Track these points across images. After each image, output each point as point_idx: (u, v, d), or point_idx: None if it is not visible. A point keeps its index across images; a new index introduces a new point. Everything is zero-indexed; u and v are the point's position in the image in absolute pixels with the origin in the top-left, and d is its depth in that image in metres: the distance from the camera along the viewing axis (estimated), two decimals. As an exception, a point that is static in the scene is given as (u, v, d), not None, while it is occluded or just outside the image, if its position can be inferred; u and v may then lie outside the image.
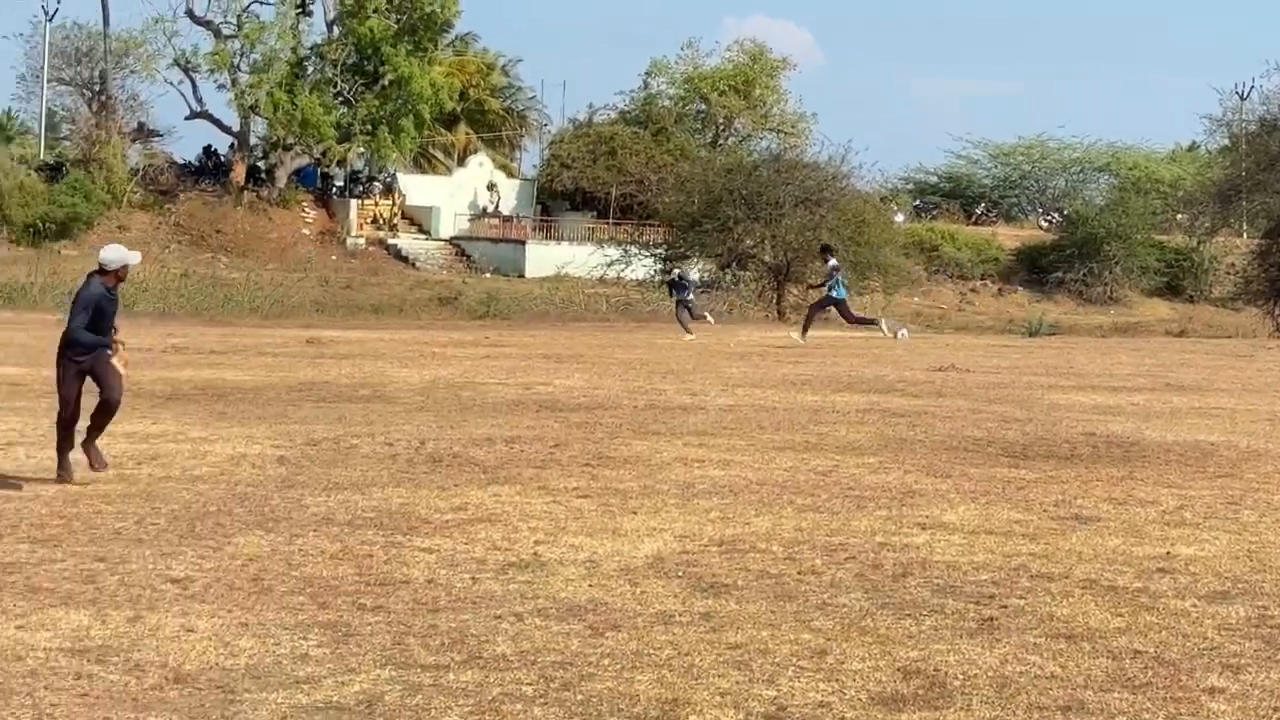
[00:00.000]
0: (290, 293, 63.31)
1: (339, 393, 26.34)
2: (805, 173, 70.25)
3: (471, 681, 9.56)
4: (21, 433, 20.47)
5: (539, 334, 46.24)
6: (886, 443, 21.39)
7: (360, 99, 79.48)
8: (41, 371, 27.84)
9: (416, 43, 79.56)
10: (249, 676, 9.57)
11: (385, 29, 78.13)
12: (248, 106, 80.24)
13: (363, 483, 17.00)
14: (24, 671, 9.56)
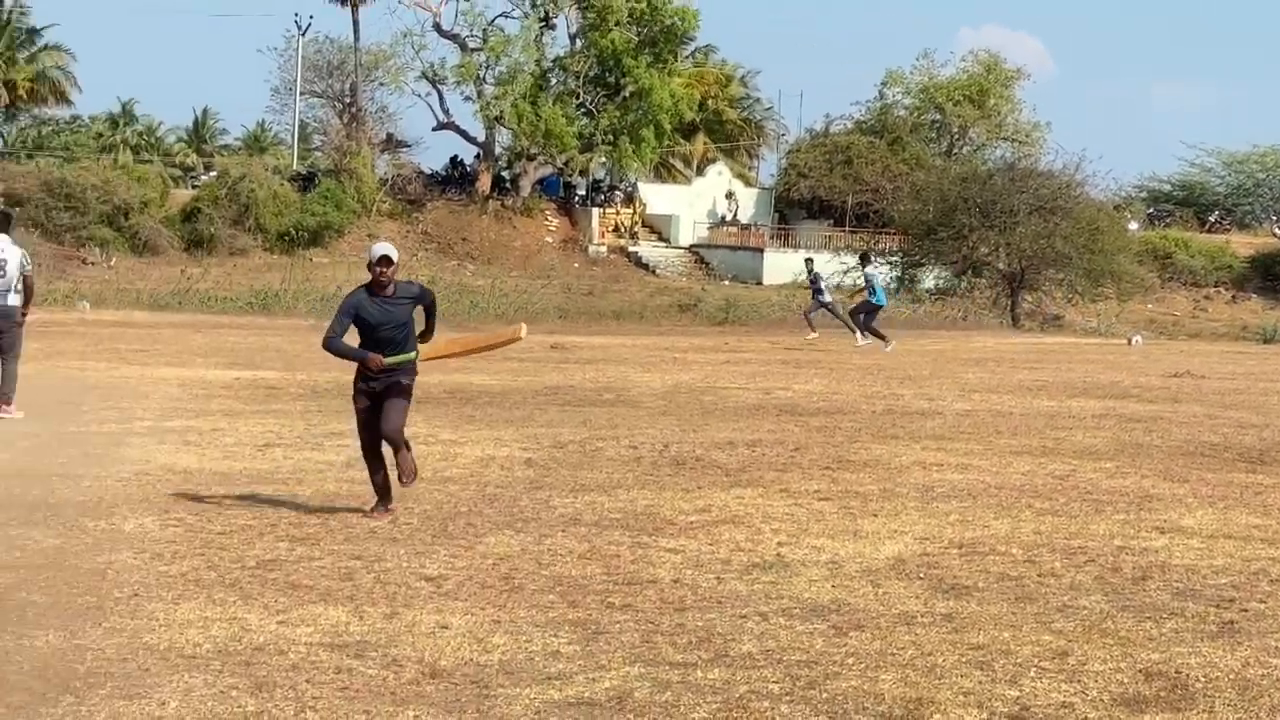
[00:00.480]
0: (534, 299, 63.71)
1: (584, 397, 26.46)
2: (1039, 181, 69.60)
3: (719, 679, 9.58)
4: (278, 434, 20.77)
5: (777, 340, 46.18)
6: (1123, 448, 21.16)
7: (602, 110, 79.76)
8: (296, 375, 28.32)
9: (657, 54, 79.71)
10: (502, 672, 9.66)
11: (626, 41, 78.35)
12: (493, 117, 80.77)
13: (608, 485, 17.08)
14: (286, 665, 9.71)
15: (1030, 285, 68.03)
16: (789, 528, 14.69)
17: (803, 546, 13.80)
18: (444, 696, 9.14)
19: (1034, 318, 66.50)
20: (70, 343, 35.96)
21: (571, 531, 14.31)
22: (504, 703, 9.02)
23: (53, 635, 10.30)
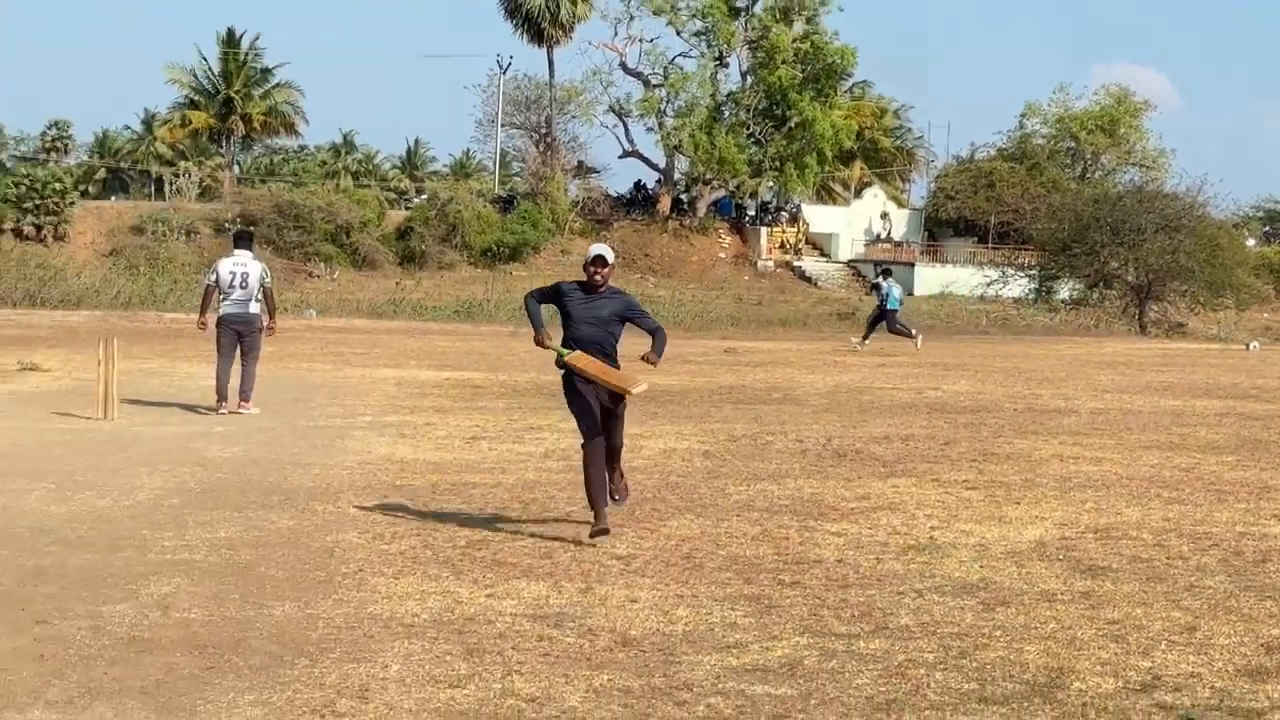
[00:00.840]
0: (709, 308, 63.76)
1: (754, 395, 26.44)
2: (1165, 202, 68.97)
3: (879, 649, 9.56)
4: (484, 429, 20.90)
5: (927, 345, 45.92)
6: (1243, 443, 20.89)
7: (770, 139, 79.75)
8: (499, 376, 28.50)
9: (819, 90, 79.65)
10: (686, 641, 9.68)
11: (792, 78, 78.34)
12: (673, 146, 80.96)
13: (778, 474, 17.07)
14: (494, 634, 9.78)
15: (1156, 296, 67.30)
16: (940, 514, 14.63)
17: (953, 531, 13.74)
18: (634, 662, 9.18)
19: (1160, 325, 65.64)
20: (299, 346, 36.38)
21: (745, 516, 14.32)
22: (687, 668, 9.05)
23: (288, 605, 10.44)
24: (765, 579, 11.54)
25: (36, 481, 15.43)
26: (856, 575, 11.74)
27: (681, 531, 13.47)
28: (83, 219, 71.81)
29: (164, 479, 15.87)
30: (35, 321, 44.42)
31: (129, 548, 12.30)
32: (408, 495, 15.16)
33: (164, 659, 9.05)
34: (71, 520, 13.45)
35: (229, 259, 22.33)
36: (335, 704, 8.22)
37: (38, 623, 9.83)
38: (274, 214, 70.99)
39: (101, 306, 52.11)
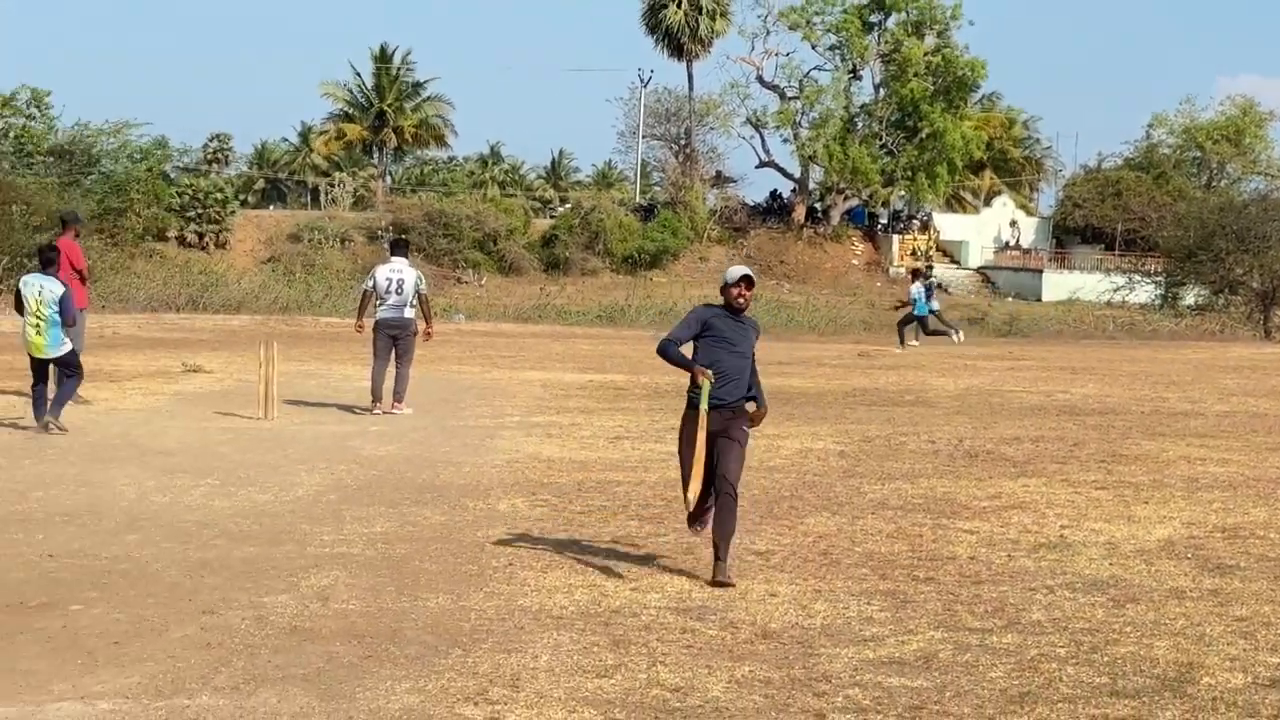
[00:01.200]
0: (842, 313, 63.60)
1: (887, 398, 26.32)
2: (1290, 210, 68.04)
3: (1012, 643, 9.52)
4: (627, 429, 20.94)
5: (1055, 349, 45.55)
6: (1370, 446, 20.60)
7: (901, 150, 79.55)
8: (640, 378, 28.53)
9: (950, 101, 79.38)
10: (824, 634, 9.68)
11: (923, 90, 78.11)
12: (807, 157, 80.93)
13: (911, 474, 17.00)
14: (639, 625, 9.82)
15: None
16: (1070, 513, 14.52)
17: (1082, 529, 13.64)
18: (774, 654, 9.19)
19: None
20: (449, 350, 36.57)
21: (880, 514, 14.29)
22: (826, 660, 9.05)
23: (442, 598, 10.52)
24: (900, 575, 11.52)
25: (202, 478, 15.62)
26: (989, 572, 11.69)
27: (819, 529, 13.46)
28: (242, 227, 72.68)
29: (322, 476, 16.03)
30: (198, 325, 44.91)
31: (289, 541, 12.44)
32: (555, 493, 15.22)
33: (324, 648, 9.15)
34: (235, 515, 13.62)
35: (385, 266, 22.48)
36: (488, 692, 8.29)
37: (204, 612, 9.96)
38: (424, 222, 71.59)
39: (260, 311, 52.60)
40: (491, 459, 17.63)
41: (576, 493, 15.25)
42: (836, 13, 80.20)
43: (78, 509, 13.71)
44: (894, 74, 79.41)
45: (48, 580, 10.80)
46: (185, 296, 54.02)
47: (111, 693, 8.17)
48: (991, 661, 9.09)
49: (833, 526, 13.58)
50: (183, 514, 13.61)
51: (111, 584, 10.74)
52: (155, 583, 10.81)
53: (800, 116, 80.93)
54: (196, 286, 55.98)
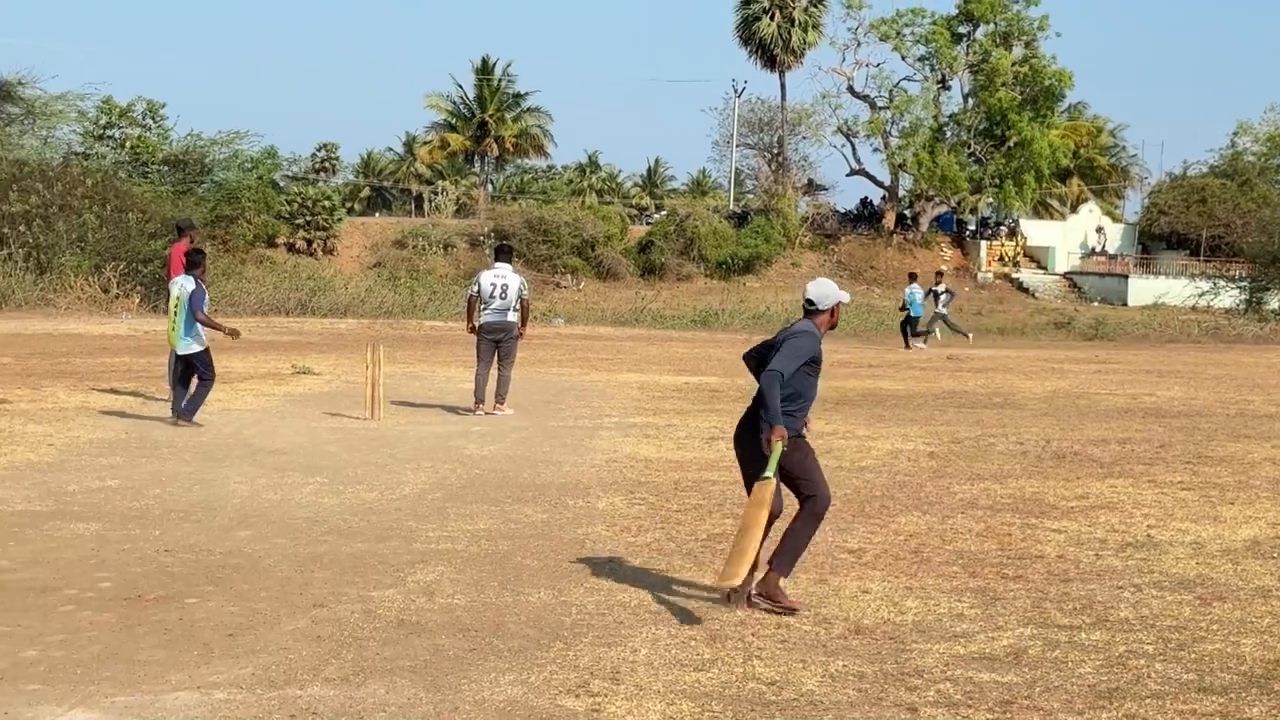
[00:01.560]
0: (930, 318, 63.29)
1: (976, 400, 26.20)
2: (1374, 216, 67.43)
3: (1100, 640, 9.46)
4: (721, 430, 20.85)
5: (1140, 353, 45.23)
6: None
7: (989, 158, 79.17)
8: (735, 380, 28.48)
9: (1037, 111, 78.94)
10: (915, 630, 9.65)
11: (1011, 100, 77.74)
12: (897, 165, 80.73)
13: (999, 474, 16.91)
14: (734, 621, 9.82)
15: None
16: (1156, 513, 14.41)
17: (1169, 529, 13.54)
18: (867, 649, 9.17)
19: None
20: (549, 352, 36.68)
21: (969, 513, 14.23)
22: (918, 656, 9.02)
23: (544, 592, 10.55)
24: (990, 573, 11.47)
25: (311, 476, 15.74)
26: (1077, 570, 11.63)
27: (909, 527, 13.42)
28: (349, 234, 73.12)
29: (427, 474, 16.11)
30: (307, 328, 45.20)
31: (396, 537, 12.51)
32: (652, 491, 15.24)
33: (430, 640, 9.20)
34: (343, 512, 13.71)
35: (490, 271, 22.57)
36: (589, 684, 8.31)
37: (315, 606, 10.03)
38: (525, 229, 71.87)
39: (366, 315, 52.89)
40: (590, 458, 17.68)
41: (673, 491, 15.26)
42: (926, 24, 79.98)
43: (193, 506, 13.83)
44: (982, 84, 79.05)
45: (165, 574, 10.91)
46: (294, 301, 54.40)
47: (226, 683, 8.24)
48: (1080, 658, 9.04)
49: (923, 525, 13.54)
50: (293, 511, 13.71)
51: (226, 578, 10.83)
52: (267, 577, 10.90)
53: (890, 125, 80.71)
54: (305, 291, 56.35)
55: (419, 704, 7.92)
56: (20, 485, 14.72)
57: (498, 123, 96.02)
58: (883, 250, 79.23)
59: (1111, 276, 78.73)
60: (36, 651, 8.80)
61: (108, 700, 7.89)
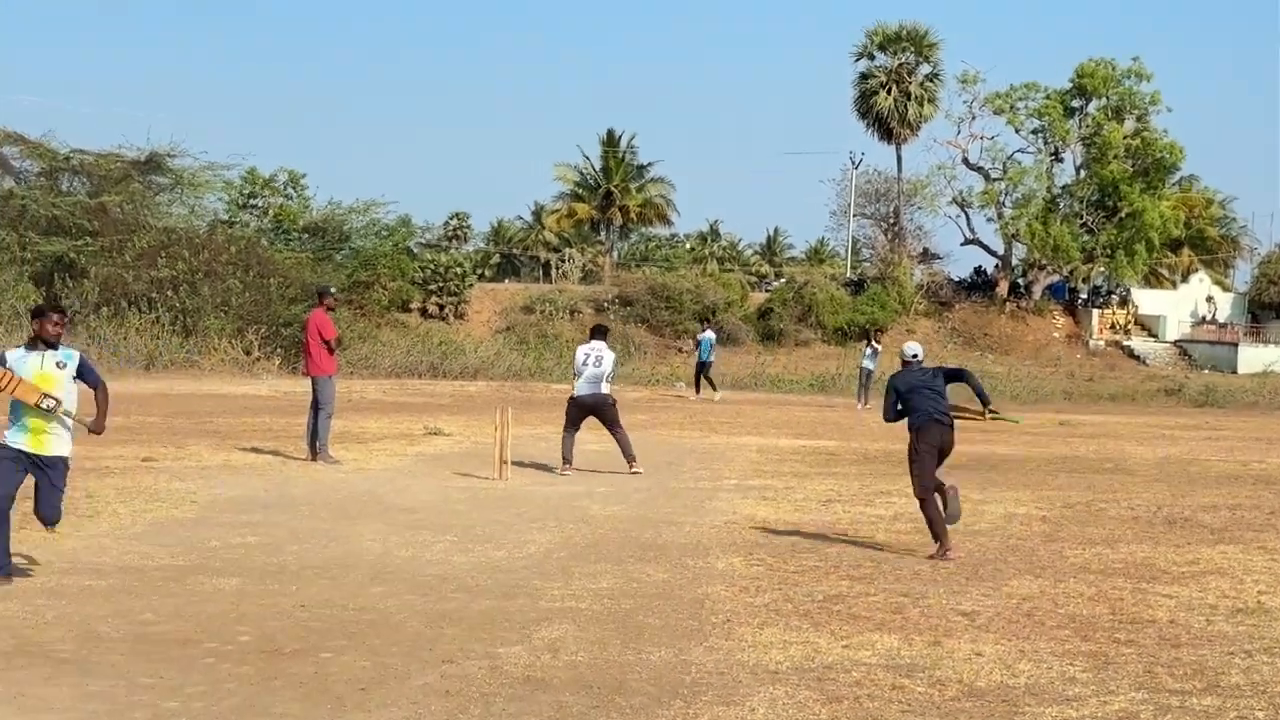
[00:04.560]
0: (1043, 384, 62.75)
1: (1087, 465, 25.93)
2: None
3: (1211, 706, 9.31)
4: (838, 492, 20.83)
5: (1250, 420, 44.66)
6: None
7: (1101, 228, 78.58)
8: (851, 444, 28.37)
9: (1149, 182, 78.31)
10: (1028, 693, 9.54)
11: (1123, 171, 77.22)
12: (1010, 235, 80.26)
13: (1111, 539, 16.72)
14: (851, 682, 9.75)
15: None
16: (1268, 579, 14.19)
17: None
18: (981, 711, 9.07)
19: None
20: (670, 415, 36.70)
21: (1082, 577, 14.06)
22: (1030, 718, 8.91)
23: (664, 651, 10.53)
24: (1101, 637, 11.32)
25: (441, 534, 15.81)
26: (1188, 635, 11.45)
27: (1022, 590, 13.28)
28: (479, 299, 73.58)
29: (552, 534, 16.14)
30: (438, 390, 45.47)
31: (522, 595, 12.53)
32: (770, 552, 15.18)
33: (555, 697, 9.19)
34: (472, 570, 13.75)
35: (586, 345, 22.84)
36: (708, 742, 8.27)
37: (444, 661, 10.06)
38: (648, 295, 72.14)
39: (495, 378, 53.15)
40: (710, 519, 17.65)
41: (791, 553, 15.20)
42: (1039, 98, 79.57)
43: (328, 562, 13.93)
44: (1094, 156, 78.51)
45: (301, 629, 10.98)
46: (426, 364, 54.76)
47: (358, 735, 8.27)
48: (1191, 723, 8.90)
49: (1036, 589, 13.39)
50: (424, 568, 13.77)
51: (359, 633, 10.88)
52: (399, 632, 10.94)
53: (1004, 196, 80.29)
54: (437, 355, 56.72)
55: (543, 759, 7.92)
56: (164, 541, 14.89)
57: (622, 192, 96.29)
58: (996, 318, 78.73)
59: (1221, 344, 77.81)
60: (178, 703, 8.88)
61: (245, 751, 7.94)
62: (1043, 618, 12.04)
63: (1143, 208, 76.92)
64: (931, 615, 12.01)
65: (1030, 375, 66.07)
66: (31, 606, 11.52)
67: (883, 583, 13.50)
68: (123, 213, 59.88)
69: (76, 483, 18.66)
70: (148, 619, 11.17)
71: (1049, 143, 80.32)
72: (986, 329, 77.72)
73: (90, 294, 54.95)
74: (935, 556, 14.94)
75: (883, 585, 13.36)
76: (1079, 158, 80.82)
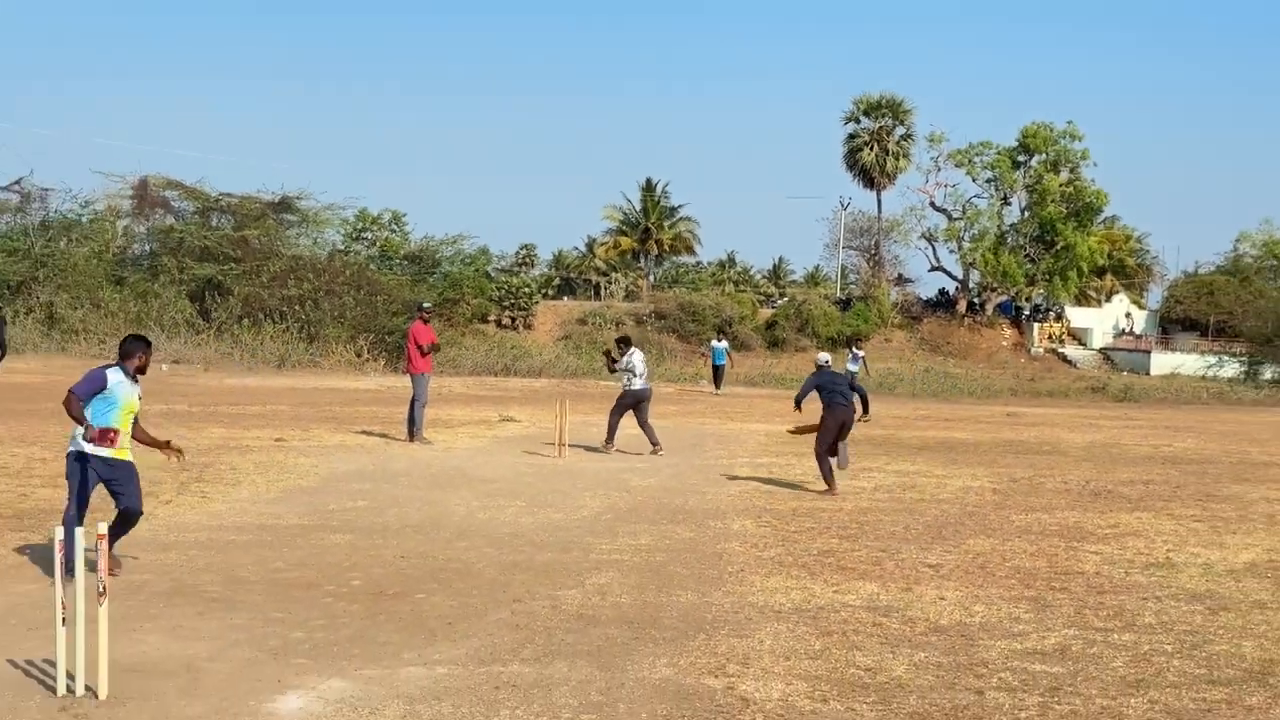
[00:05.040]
0: (994, 383, 62.44)
1: (1029, 448, 25.80)
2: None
3: (1129, 641, 9.26)
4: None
5: (1161, 412, 44.33)
6: None
7: (1041, 258, 78.27)
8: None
9: (1079, 221, 77.99)
10: (982, 630, 9.50)
11: (1059, 213, 76.98)
12: (968, 263, 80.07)
13: (1048, 507, 16.63)
14: (839, 620, 9.72)
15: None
16: (1174, 540, 14.09)
17: (1184, 553, 13.23)
18: (943, 644, 9.03)
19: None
20: (695, 406, 36.63)
21: (1024, 537, 13.99)
22: (983, 650, 8.88)
23: (690, 594, 10.51)
24: (1041, 585, 11.27)
25: (513, 500, 15.81)
26: (1110, 584, 11.39)
27: (977, 548, 13.22)
28: (543, 313, 73.59)
29: (601, 500, 16.13)
30: (509, 386, 45.47)
31: (577, 549, 12.52)
32: (775, 516, 15.15)
33: (603, 630, 9.19)
34: (537, 528, 13.76)
35: (640, 352, 22.90)
36: (726, 667, 8.26)
37: (514, 601, 10.06)
38: (678, 310, 72.13)
39: (556, 375, 53.12)
40: (727, 490, 17.61)
41: (791, 516, 15.16)
42: (991, 154, 79.37)
43: (422, 522, 13.95)
44: (1036, 200, 78.22)
45: (400, 575, 11.00)
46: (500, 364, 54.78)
47: (446, 660, 8.28)
48: (1113, 654, 8.84)
49: (988, 546, 13.33)
50: (499, 527, 13.78)
51: (446, 578, 10.90)
52: (478, 578, 10.95)
53: (963, 232, 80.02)
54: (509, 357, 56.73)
55: (594, 680, 7.91)
56: (293, 504, 14.93)
57: (657, 228, 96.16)
58: (956, 330, 78.47)
59: (1137, 352, 77.31)
60: (303, 633, 8.91)
61: (357, 672, 7.96)
62: (993, 569, 11.98)
63: (1074, 242, 76.85)
64: (904, 567, 11.96)
65: (984, 375, 65.83)
66: (186, 556, 11.57)
67: (865, 541, 13.46)
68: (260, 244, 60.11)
69: (223, 459, 18.77)
70: (279, 567, 11.20)
71: (999, 189, 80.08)
72: (949, 338, 77.46)
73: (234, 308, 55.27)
74: (824, 494, 17.17)
75: (865, 543, 13.31)
76: (1023, 201, 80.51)
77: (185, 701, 7.21)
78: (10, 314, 48.90)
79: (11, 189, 60.62)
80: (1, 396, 29.17)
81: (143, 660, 8.03)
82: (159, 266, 58.92)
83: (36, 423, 22.90)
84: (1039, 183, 78.29)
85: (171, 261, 58.41)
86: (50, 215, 60.52)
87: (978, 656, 8.69)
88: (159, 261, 59.48)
